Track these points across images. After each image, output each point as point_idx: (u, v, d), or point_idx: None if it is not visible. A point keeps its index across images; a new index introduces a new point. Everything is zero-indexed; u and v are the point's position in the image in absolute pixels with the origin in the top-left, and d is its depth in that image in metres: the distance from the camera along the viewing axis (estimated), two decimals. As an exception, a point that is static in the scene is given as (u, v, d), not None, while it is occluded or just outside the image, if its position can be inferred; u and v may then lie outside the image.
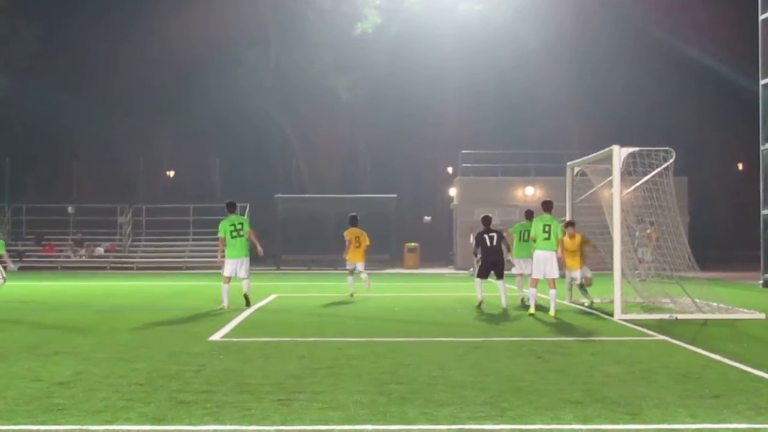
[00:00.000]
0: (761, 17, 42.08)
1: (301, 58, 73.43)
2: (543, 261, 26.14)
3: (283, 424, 11.01)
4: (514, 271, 31.23)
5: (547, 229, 26.11)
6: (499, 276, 28.16)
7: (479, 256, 28.98)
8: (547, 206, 26.67)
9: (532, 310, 26.11)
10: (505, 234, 29.09)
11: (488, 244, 28.19)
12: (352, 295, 33.41)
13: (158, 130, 76.43)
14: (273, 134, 78.76)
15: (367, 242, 34.03)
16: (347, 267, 34.69)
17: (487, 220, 28.93)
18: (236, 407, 12.09)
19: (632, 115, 63.75)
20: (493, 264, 28.21)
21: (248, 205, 58.13)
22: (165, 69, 74.41)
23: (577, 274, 29.09)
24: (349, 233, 34.30)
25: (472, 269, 30.43)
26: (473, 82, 69.38)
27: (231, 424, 11.07)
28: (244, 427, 10.90)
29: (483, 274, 28.70)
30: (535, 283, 26.61)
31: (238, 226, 28.13)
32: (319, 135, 75.80)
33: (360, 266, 34.17)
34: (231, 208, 29.04)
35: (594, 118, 64.93)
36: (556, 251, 26.14)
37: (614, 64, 65.37)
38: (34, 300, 31.48)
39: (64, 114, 75.56)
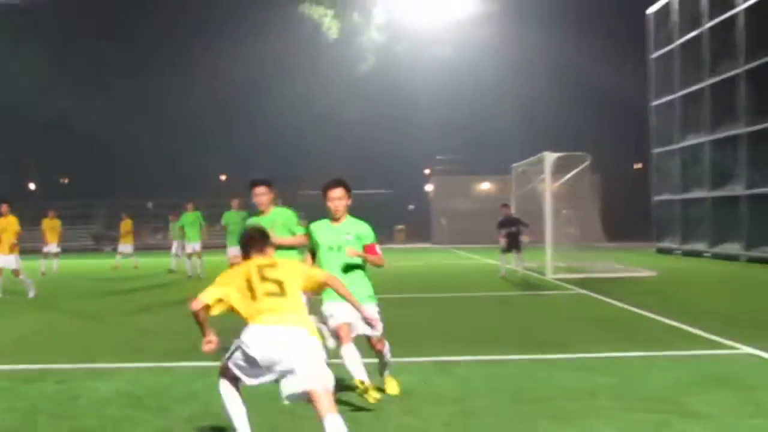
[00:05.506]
0: (650, 56, 42.25)
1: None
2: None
3: None
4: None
5: None
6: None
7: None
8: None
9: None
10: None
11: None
12: None
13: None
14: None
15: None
16: None
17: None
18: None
19: (561, 130, 63.34)
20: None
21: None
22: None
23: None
24: None
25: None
26: (446, 103, 68.71)
27: None
28: None
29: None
30: None
31: None
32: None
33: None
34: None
35: (532, 131, 64.60)
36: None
37: (547, 92, 64.89)
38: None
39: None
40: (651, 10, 42.41)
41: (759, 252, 31.41)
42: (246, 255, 6.74)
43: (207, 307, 6.38)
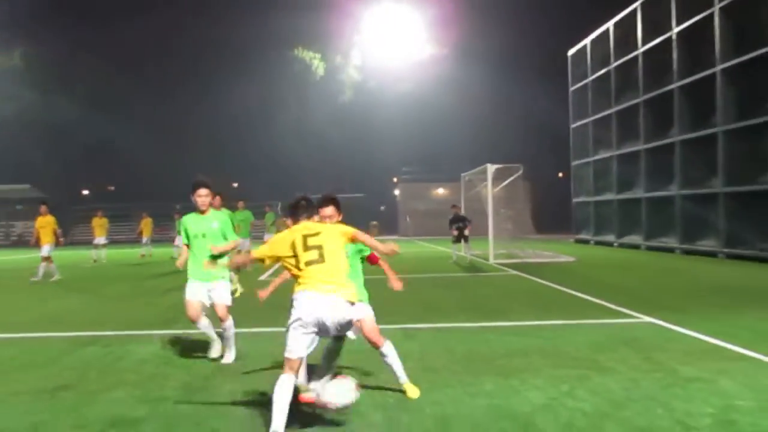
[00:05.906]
0: (570, 88, 42.41)
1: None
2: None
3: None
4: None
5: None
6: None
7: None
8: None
9: None
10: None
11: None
12: None
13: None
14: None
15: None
16: None
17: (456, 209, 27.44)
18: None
19: (500, 146, 63.20)
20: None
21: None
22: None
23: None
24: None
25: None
26: (408, 126, 68.41)
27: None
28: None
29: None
30: None
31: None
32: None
33: None
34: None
35: (477, 147, 64.41)
36: None
37: (489, 116, 64.66)
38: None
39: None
40: (570, 52, 42.59)
41: (655, 242, 31.61)
42: (296, 220, 6.42)
43: (259, 260, 6.35)
